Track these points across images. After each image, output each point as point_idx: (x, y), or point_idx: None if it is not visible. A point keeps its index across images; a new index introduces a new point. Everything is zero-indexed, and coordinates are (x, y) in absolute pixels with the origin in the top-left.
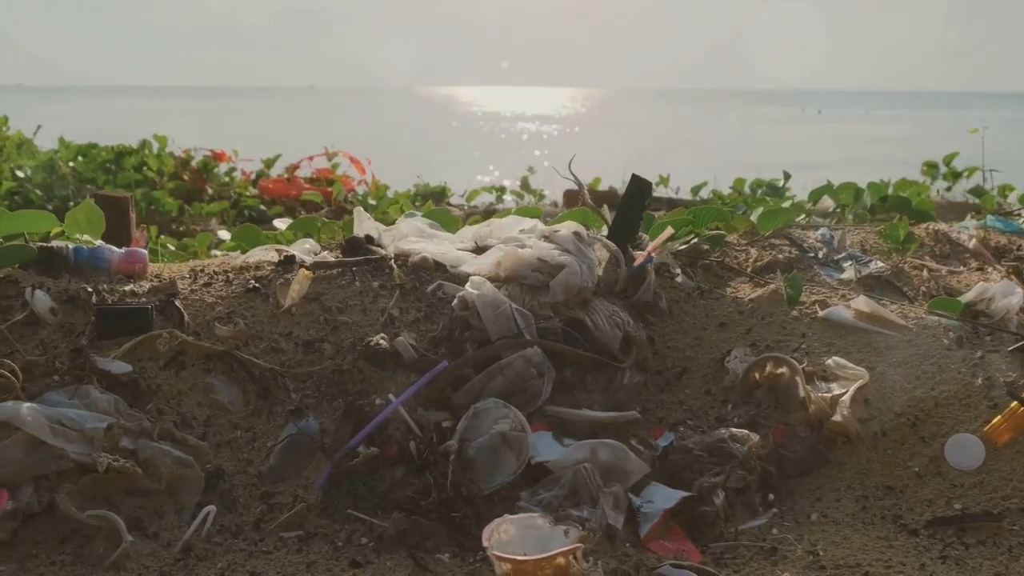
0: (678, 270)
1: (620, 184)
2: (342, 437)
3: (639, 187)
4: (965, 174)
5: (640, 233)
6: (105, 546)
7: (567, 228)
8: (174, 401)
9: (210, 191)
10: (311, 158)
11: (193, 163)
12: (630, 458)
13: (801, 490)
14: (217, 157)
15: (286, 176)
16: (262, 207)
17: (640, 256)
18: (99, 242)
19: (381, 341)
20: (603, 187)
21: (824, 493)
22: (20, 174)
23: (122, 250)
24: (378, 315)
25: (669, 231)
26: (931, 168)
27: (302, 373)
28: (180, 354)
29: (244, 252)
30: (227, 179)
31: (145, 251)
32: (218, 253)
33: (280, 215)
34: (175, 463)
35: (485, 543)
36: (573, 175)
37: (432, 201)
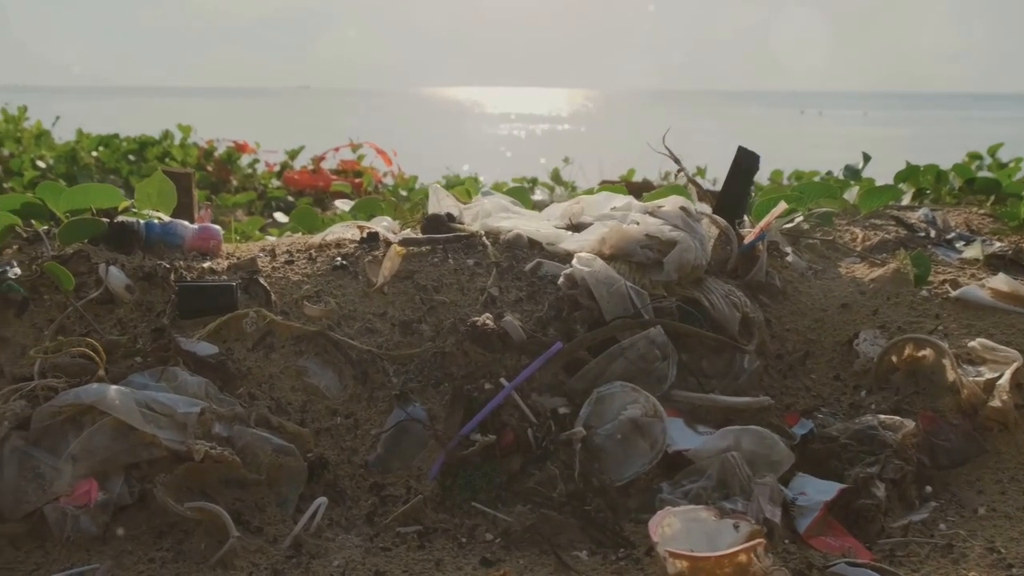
0: (788, 249)
1: (656, 177)
2: (453, 424)
3: (746, 160)
4: (1012, 164)
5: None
6: (207, 541)
7: (672, 203)
8: (266, 385)
9: (234, 182)
10: (336, 149)
11: (216, 154)
12: (777, 446)
13: (958, 482)
14: (240, 148)
15: (311, 168)
16: (289, 198)
17: (751, 233)
18: (168, 218)
19: (488, 321)
20: (637, 178)
21: (985, 485)
22: (41, 164)
23: (195, 226)
24: (477, 294)
25: (782, 206)
26: (974, 158)
27: (402, 356)
28: (268, 335)
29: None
30: (250, 171)
31: (218, 227)
32: (271, 237)
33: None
34: (275, 451)
35: (655, 538)
36: (668, 150)
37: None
